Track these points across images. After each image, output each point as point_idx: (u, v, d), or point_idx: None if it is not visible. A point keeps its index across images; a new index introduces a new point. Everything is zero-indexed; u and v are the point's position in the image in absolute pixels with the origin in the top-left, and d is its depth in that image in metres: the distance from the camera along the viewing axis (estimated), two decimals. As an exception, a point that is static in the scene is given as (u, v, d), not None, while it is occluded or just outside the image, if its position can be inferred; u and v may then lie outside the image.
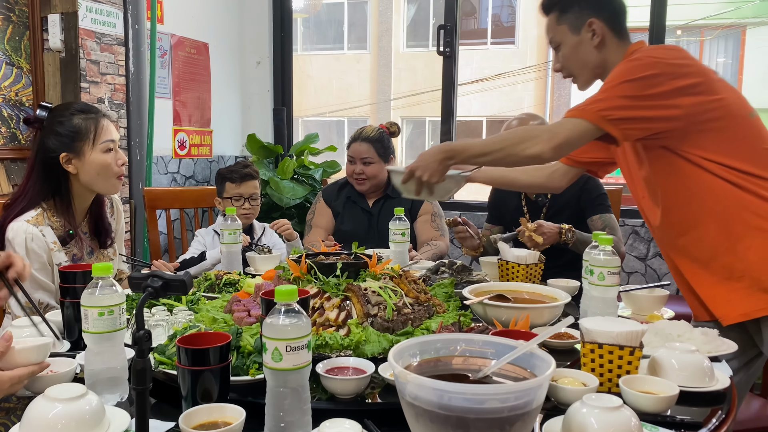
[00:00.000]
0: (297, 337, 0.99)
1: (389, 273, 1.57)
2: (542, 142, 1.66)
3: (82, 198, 1.99)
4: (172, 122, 3.73)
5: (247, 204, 2.60)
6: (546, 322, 1.57)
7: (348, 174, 2.81)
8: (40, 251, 1.87)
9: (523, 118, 2.61)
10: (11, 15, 2.69)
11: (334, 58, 14.98)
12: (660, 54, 1.67)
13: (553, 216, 2.59)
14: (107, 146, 1.93)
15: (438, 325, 1.42)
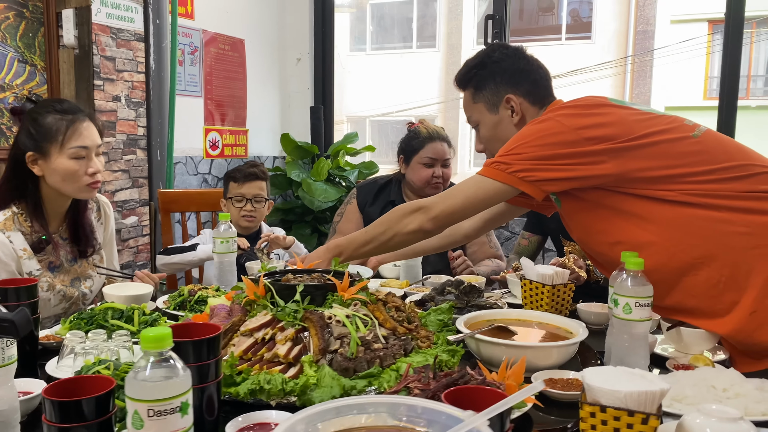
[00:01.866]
0: (164, 398, 0.75)
1: (362, 298, 1.31)
2: (421, 215, 1.55)
3: (55, 201, 1.83)
4: (204, 121, 3.60)
5: (250, 206, 2.40)
6: (554, 364, 1.27)
7: (424, 179, 2.46)
8: (7, 259, 1.72)
9: None
10: (24, 11, 2.61)
11: (401, 57, 14.77)
12: (569, 120, 1.44)
13: None
14: (76, 152, 1.75)
15: (405, 368, 1.15)
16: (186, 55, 3.44)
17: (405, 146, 2.53)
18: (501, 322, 1.40)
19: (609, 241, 1.47)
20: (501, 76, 1.63)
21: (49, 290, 1.80)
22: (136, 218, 2.94)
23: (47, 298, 1.81)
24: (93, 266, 1.95)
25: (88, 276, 1.93)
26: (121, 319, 1.44)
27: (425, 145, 2.47)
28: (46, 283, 1.80)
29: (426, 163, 2.46)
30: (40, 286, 1.79)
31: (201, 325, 0.96)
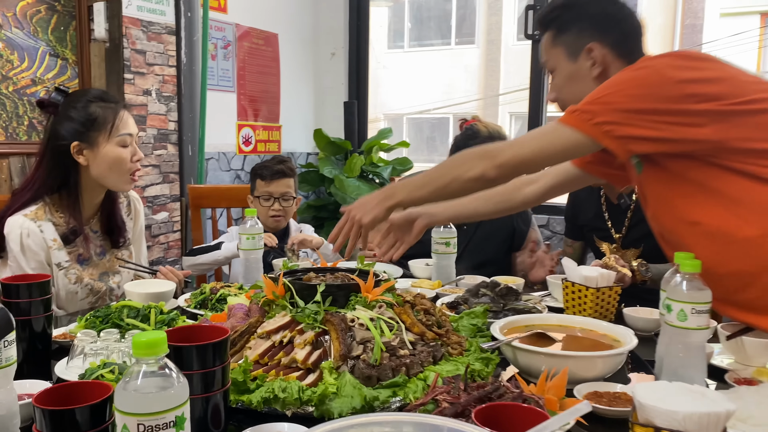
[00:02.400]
0: (157, 411, 0.67)
1: (388, 300, 1.21)
2: (486, 160, 1.38)
3: (92, 193, 1.82)
4: (236, 117, 3.55)
5: (278, 205, 2.32)
6: (599, 375, 1.15)
7: None
8: (37, 249, 1.70)
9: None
10: (56, 4, 2.59)
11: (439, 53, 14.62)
12: (672, 72, 1.25)
13: (640, 222, 2.12)
14: (124, 140, 1.76)
15: (434, 378, 1.05)
16: (219, 50, 3.39)
17: (461, 146, 2.25)
18: (540, 328, 1.29)
19: (687, 220, 1.31)
20: (587, 21, 1.46)
21: (77, 283, 1.77)
22: (166, 214, 2.90)
23: (75, 290, 1.78)
24: (119, 260, 1.90)
25: (116, 271, 1.89)
26: (137, 318, 1.38)
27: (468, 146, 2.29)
28: (74, 275, 1.77)
29: None
30: (68, 278, 1.75)
31: (208, 328, 0.88)
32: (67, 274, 1.74)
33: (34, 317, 1.26)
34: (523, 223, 2.36)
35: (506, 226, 2.34)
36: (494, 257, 2.32)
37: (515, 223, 2.35)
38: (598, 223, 2.23)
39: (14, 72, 2.47)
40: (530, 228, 2.38)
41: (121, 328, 1.36)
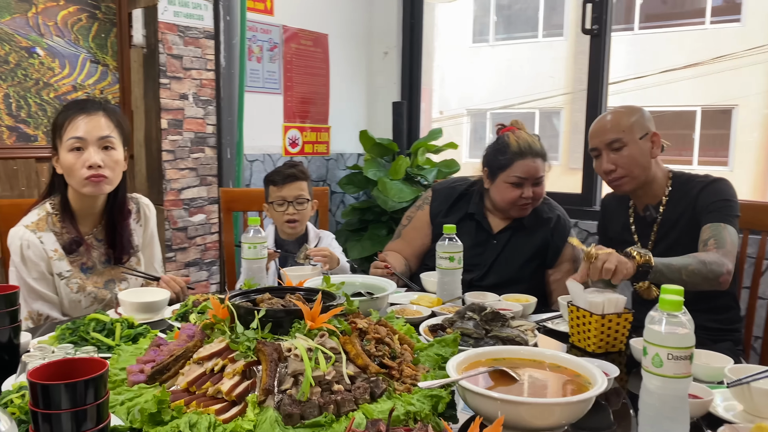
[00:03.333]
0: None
1: (331, 328, 1.13)
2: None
3: (82, 201, 1.81)
4: (283, 119, 3.56)
5: (292, 209, 2.28)
6: (557, 424, 1.02)
7: (510, 200, 2.13)
8: (37, 259, 1.73)
9: (621, 110, 1.97)
10: (97, 12, 2.67)
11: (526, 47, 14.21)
12: None
13: (667, 232, 1.95)
14: (71, 144, 1.71)
15: (348, 425, 0.95)
16: (264, 52, 3.41)
17: (491, 160, 2.17)
18: (505, 363, 1.16)
19: None
20: None
21: (80, 292, 1.79)
22: (204, 216, 2.94)
23: (77, 299, 1.80)
24: (132, 268, 1.92)
25: (123, 278, 1.90)
26: (103, 332, 1.37)
27: (514, 162, 2.09)
28: (75, 284, 1.79)
29: (514, 183, 2.10)
30: (70, 287, 1.78)
31: (88, 361, 0.84)
32: (68, 283, 1.76)
33: (0, 329, 1.28)
34: (559, 238, 2.19)
35: (540, 241, 2.19)
36: (523, 273, 2.17)
37: (550, 238, 2.19)
38: (625, 235, 2.06)
39: (55, 79, 2.57)
40: (567, 243, 2.20)
41: (87, 342, 1.36)
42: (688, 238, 1.87)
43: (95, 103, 1.79)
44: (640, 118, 1.95)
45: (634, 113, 1.96)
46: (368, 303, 1.58)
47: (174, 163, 2.79)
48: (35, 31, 2.49)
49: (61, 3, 2.55)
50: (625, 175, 1.94)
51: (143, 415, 0.98)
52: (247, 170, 3.35)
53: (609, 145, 1.94)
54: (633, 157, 1.92)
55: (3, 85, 2.42)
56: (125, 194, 1.88)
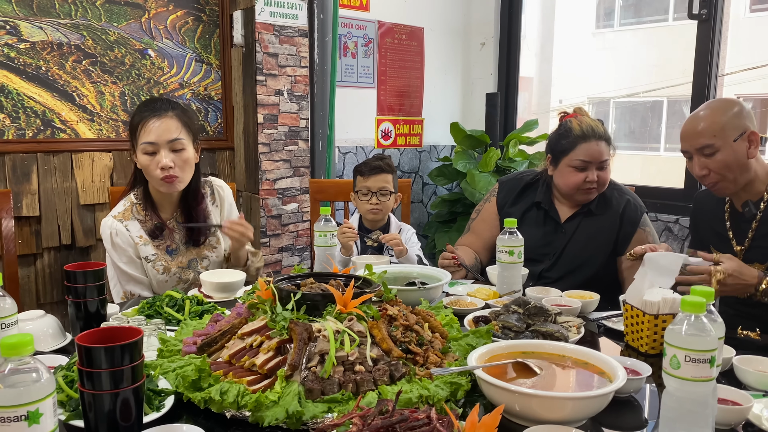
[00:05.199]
0: (10, 405, 0.77)
1: (359, 313, 1.20)
2: None
3: (162, 193, 1.98)
4: (376, 112, 3.66)
5: (375, 199, 2.37)
6: (569, 418, 1.03)
7: (573, 185, 2.11)
8: (125, 246, 1.93)
9: (715, 107, 1.83)
10: (202, 15, 2.90)
11: (654, 31, 13.41)
12: None
13: (766, 236, 1.81)
14: (144, 148, 1.87)
15: (355, 403, 1.02)
16: (359, 47, 3.52)
17: (554, 145, 2.17)
18: (534, 357, 1.18)
19: None
20: None
21: (165, 273, 1.98)
22: (296, 205, 3.12)
23: (164, 280, 1.99)
24: (212, 247, 2.08)
25: (204, 257, 2.07)
26: (174, 308, 1.53)
27: (577, 145, 2.08)
28: (161, 266, 1.98)
29: (577, 166, 2.08)
30: (156, 269, 1.97)
31: (126, 330, 0.97)
32: (154, 266, 1.96)
33: (89, 300, 1.46)
34: (629, 223, 2.13)
35: (611, 227, 2.14)
36: (594, 261, 2.13)
37: (621, 224, 2.13)
38: (720, 231, 1.94)
39: (164, 77, 2.83)
40: (638, 228, 2.13)
41: (160, 316, 1.52)
42: None
43: (165, 102, 1.95)
44: (735, 117, 1.78)
45: (728, 111, 1.79)
46: (418, 293, 1.63)
47: (269, 155, 2.97)
48: (147, 35, 2.75)
49: (170, 8, 2.80)
50: (720, 180, 1.82)
51: (185, 381, 1.10)
52: (340, 162, 3.50)
53: (700, 150, 1.81)
54: (726, 162, 1.77)
55: (119, 84, 2.70)
56: (198, 184, 2.03)
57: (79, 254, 2.63)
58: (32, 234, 2.52)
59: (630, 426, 1.12)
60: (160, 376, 1.15)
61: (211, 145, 3.00)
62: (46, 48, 2.51)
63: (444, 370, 1.10)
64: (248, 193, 3.04)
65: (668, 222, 3.21)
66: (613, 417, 1.12)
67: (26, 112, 2.49)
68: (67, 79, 2.57)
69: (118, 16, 2.67)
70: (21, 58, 2.46)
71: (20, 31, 2.45)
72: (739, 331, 1.80)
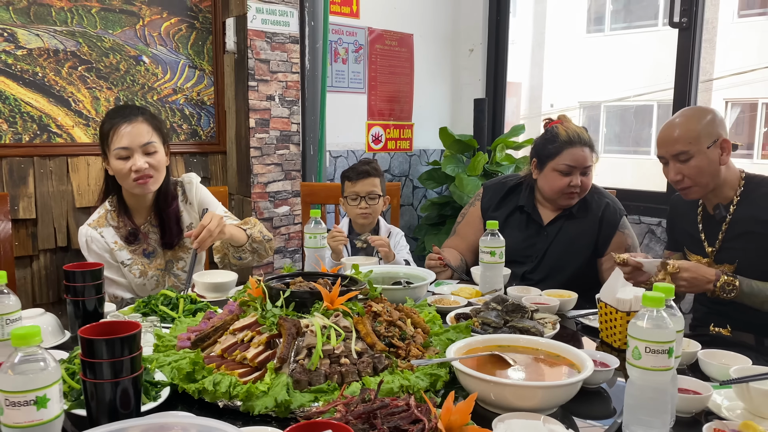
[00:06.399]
0: (20, 390, 0.83)
1: (345, 309, 1.27)
2: None
3: (135, 198, 2.04)
4: (366, 116, 3.74)
5: (364, 203, 2.44)
6: (540, 406, 1.10)
7: (557, 189, 2.20)
8: (101, 251, 1.99)
9: (690, 115, 1.91)
10: (195, 22, 2.97)
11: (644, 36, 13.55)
12: None
13: (736, 237, 1.90)
14: (118, 154, 1.93)
15: (339, 392, 1.09)
16: (350, 54, 3.60)
17: (540, 150, 2.26)
18: (502, 350, 1.25)
19: None
20: None
21: (142, 276, 2.04)
22: (288, 208, 3.18)
23: (142, 283, 2.05)
24: (187, 248, 2.13)
25: (179, 258, 2.13)
26: (169, 306, 1.60)
27: (563, 150, 2.18)
28: (137, 270, 2.03)
29: (562, 171, 2.18)
30: (133, 273, 2.03)
31: (125, 324, 1.04)
32: (131, 270, 2.02)
33: (87, 298, 1.53)
34: (608, 225, 2.21)
35: (591, 230, 2.22)
36: (575, 263, 2.21)
37: (600, 226, 2.22)
38: (693, 233, 2.03)
39: (158, 83, 2.89)
40: (617, 231, 2.22)
41: (155, 313, 1.59)
42: (759, 240, 1.82)
43: (134, 108, 2.02)
44: (709, 125, 1.87)
45: (702, 119, 1.88)
46: (404, 291, 1.71)
47: (261, 159, 3.04)
48: (142, 42, 2.81)
49: (164, 15, 2.86)
50: (693, 185, 1.90)
51: (180, 373, 1.17)
52: (332, 166, 3.57)
53: (675, 156, 1.90)
54: (700, 168, 1.86)
55: (114, 90, 2.76)
56: (168, 186, 2.09)
57: (74, 256, 2.68)
58: (28, 236, 2.57)
59: (599, 415, 1.20)
60: (156, 369, 1.22)
61: (204, 149, 3.07)
62: (43, 54, 2.57)
63: (424, 362, 1.17)
64: (240, 196, 3.10)
65: (651, 224, 3.30)
66: (584, 407, 1.20)
67: (23, 117, 2.55)
68: (63, 84, 2.63)
69: (113, 24, 2.73)
70: (18, 65, 2.52)
71: (17, 38, 2.51)
72: (711, 327, 1.88)
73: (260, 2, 2.93)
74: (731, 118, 12.55)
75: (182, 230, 2.12)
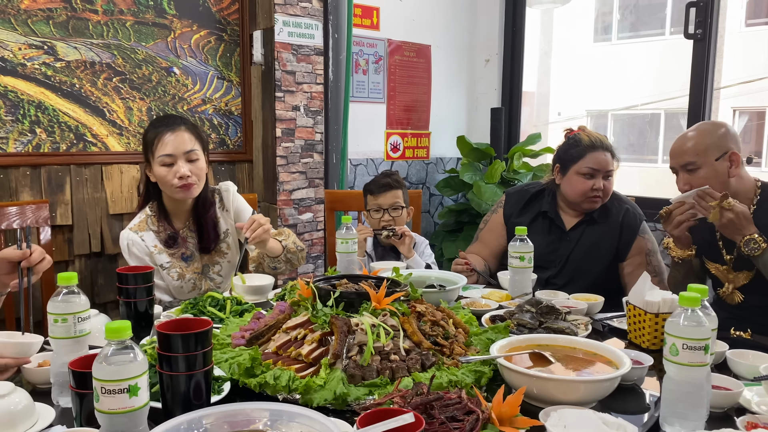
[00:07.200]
0: (114, 379, 0.91)
1: (392, 309, 1.34)
2: None
3: (175, 202, 2.12)
4: (385, 125, 3.82)
5: (387, 216, 2.51)
6: (582, 400, 1.17)
7: (581, 192, 2.27)
8: (141, 254, 2.07)
9: (703, 129, 2.00)
10: (224, 35, 3.06)
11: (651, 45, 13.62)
12: None
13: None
14: (162, 160, 2.02)
15: (395, 386, 1.16)
16: (370, 65, 3.69)
17: (563, 155, 2.35)
18: (543, 349, 1.32)
19: None
20: None
21: (179, 279, 2.11)
22: (311, 215, 3.26)
23: (179, 286, 2.12)
24: (223, 253, 2.21)
25: (215, 262, 2.21)
26: (216, 307, 1.67)
27: (586, 154, 2.27)
28: (176, 273, 2.11)
29: (585, 174, 2.26)
30: (171, 276, 2.10)
31: (198, 321, 1.11)
32: (169, 272, 2.10)
33: (139, 300, 1.60)
34: (629, 231, 2.29)
35: (612, 235, 2.29)
36: (597, 267, 2.28)
37: (621, 231, 2.29)
38: (710, 239, 2.09)
39: (188, 94, 2.98)
40: (637, 236, 2.29)
41: (203, 314, 1.66)
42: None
43: (176, 118, 2.11)
44: (719, 139, 1.96)
45: (713, 133, 1.98)
46: (438, 294, 1.78)
47: (286, 167, 3.12)
48: (173, 53, 2.91)
49: (194, 28, 2.96)
50: None
51: (240, 368, 1.24)
52: (352, 174, 3.65)
53: (684, 167, 1.99)
54: (707, 179, 1.95)
55: (147, 100, 2.85)
56: (207, 192, 2.17)
57: (107, 261, 2.77)
58: (65, 242, 2.66)
59: (635, 410, 1.26)
60: (214, 365, 1.29)
61: (231, 158, 3.15)
62: (80, 66, 2.66)
63: (471, 358, 1.24)
64: (266, 203, 3.18)
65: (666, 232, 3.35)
66: (619, 402, 1.26)
67: (61, 127, 2.64)
68: (98, 95, 2.72)
69: (146, 36, 2.82)
70: (57, 76, 2.61)
71: (56, 51, 2.60)
72: (732, 331, 1.94)
73: (287, 15, 3.02)
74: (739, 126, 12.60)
75: (219, 236, 2.20)
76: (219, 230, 2.21)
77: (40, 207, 2.36)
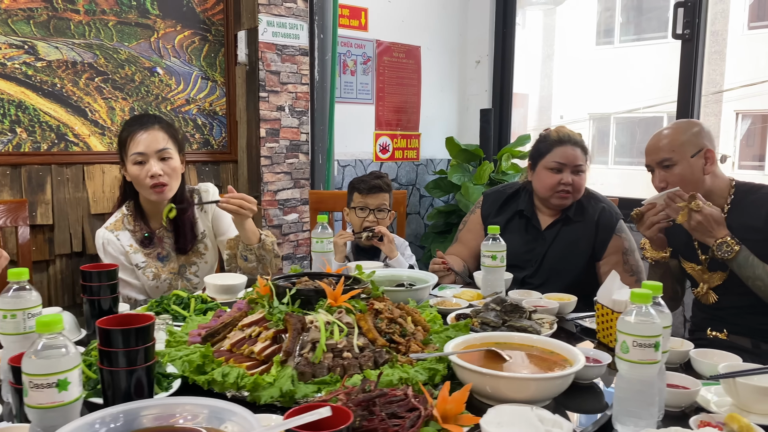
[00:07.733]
0: (42, 374, 0.90)
1: (348, 306, 1.33)
2: None
3: (151, 203, 2.11)
4: (374, 127, 3.81)
5: (372, 216, 2.50)
6: (532, 398, 1.15)
7: (549, 186, 2.26)
8: (116, 254, 2.07)
9: (677, 127, 1.98)
10: (208, 35, 3.06)
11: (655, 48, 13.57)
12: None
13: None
14: (134, 159, 2.01)
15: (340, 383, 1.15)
16: (358, 65, 3.68)
17: (533, 152, 2.36)
18: (497, 346, 1.30)
19: None
20: None
21: (155, 279, 2.11)
22: (296, 215, 3.25)
23: (155, 285, 2.12)
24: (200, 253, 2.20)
25: (192, 263, 2.20)
26: (180, 305, 1.67)
27: (553, 148, 2.27)
28: (151, 273, 2.10)
29: (552, 168, 2.25)
30: (146, 276, 2.10)
31: (140, 316, 1.10)
32: (144, 272, 2.09)
33: (103, 298, 1.60)
34: (605, 229, 2.27)
35: (588, 234, 2.27)
36: (574, 267, 2.26)
37: (597, 230, 2.27)
38: (687, 241, 2.07)
39: (172, 94, 2.98)
40: (614, 234, 2.27)
41: (167, 312, 1.65)
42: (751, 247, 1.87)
43: (151, 117, 2.11)
44: (694, 136, 1.95)
45: (688, 130, 1.97)
46: (407, 293, 1.76)
47: (271, 168, 3.11)
48: (156, 54, 2.91)
49: (178, 28, 2.96)
50: None
51: (191, 365, 1.23)
52: (340, 175, 3.64)
53: (660, 163, 1.98)
54: (682, 176, 1.94)
55: (129, 100, 2.85)
56: (183, 193, 2.16)
57: (89, 261, 2.76)
58: (45, 241, 2.66)
59: (591, 409, 1.24)
60: (168, 363, 1.28)
61: (216, 158, 3.15)
62: (61, 66, 2.66)
63: (423, 355, 1.23)
64: (251, 204, 3.18)
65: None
66: (577, 401, 1.25)
67: (42, 127, 2.64)
68: (80, 95, 2.72)
69: (129, 36, 2.83)
70: (38, 76, 2.61)
71: (37, 51, 2.60)
72: (709, 332, 1.92)
73: (271, 15, 3.02)
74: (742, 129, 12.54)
75: (196, 236, 2.19)
76: (196, 231, 2.20)
77: (18, 206, 2.36)
